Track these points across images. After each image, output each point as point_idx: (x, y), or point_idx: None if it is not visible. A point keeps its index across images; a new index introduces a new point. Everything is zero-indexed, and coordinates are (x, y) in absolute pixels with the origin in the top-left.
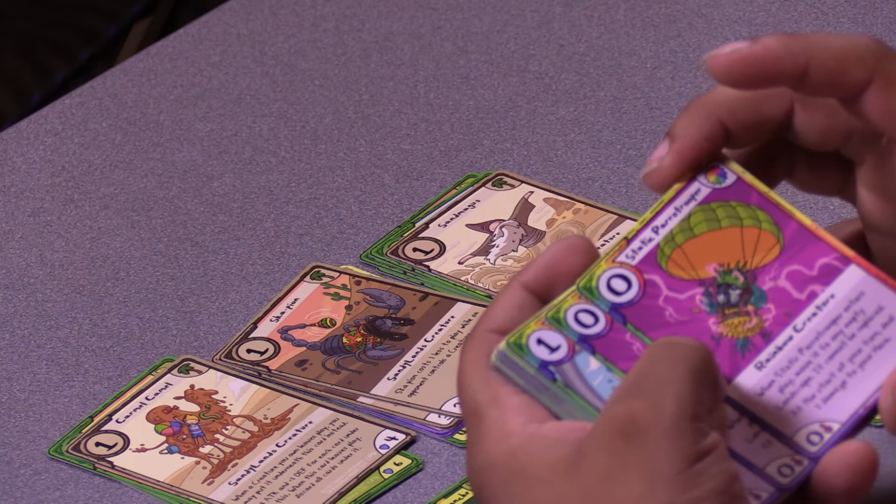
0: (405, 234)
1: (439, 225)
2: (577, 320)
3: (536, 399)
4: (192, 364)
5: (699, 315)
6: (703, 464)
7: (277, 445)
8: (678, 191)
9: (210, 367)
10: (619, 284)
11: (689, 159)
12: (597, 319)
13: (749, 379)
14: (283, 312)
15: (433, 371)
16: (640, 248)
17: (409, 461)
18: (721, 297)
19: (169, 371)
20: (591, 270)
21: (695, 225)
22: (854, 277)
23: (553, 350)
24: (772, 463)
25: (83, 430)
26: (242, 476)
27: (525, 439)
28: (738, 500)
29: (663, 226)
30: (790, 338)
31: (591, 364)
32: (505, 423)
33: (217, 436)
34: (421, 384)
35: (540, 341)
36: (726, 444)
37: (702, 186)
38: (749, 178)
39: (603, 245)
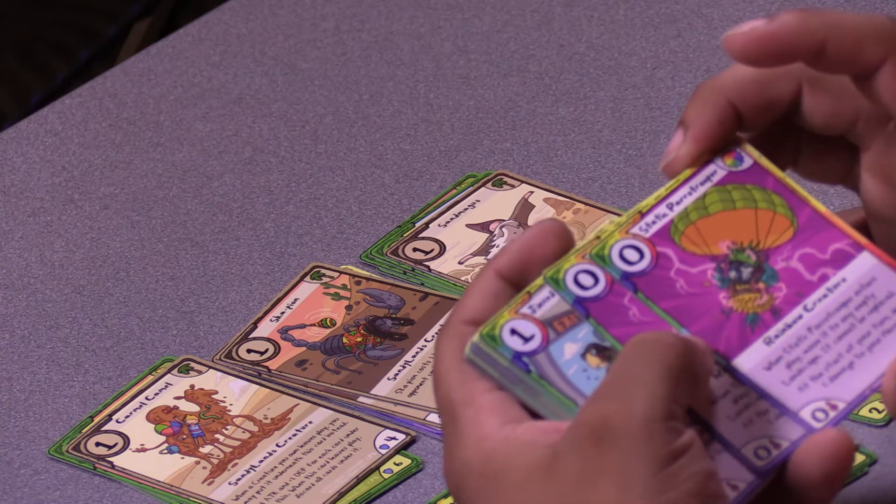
0: (405, 234)
1: (439, 225)
2: (576, 282)
3: (512, 393)
4: (192, 364)
5: (710, 289)
6: (677, 465)
7: (277, 445)
8: (694, 171)
9: (210, 367)
10: (631, 254)
11: (704, 144)
12: (596, 281)
13: (757, 353)
14: (283, 312)
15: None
16: (653, 223)
17: (409, 461)
18: (732, 273)
19: (169, 371)
20: (604, 240)
21: (710, 204)
22: (866, 263)
23: (527, 340)
24: (749, 444)
25: (83, 430)
26: (242, 476)
27: (500, 443)
28: (714, 500)
29: (678, 203)
30: (800, 316)
31: (566, 353)
32: (480, 426)
33: (217, 436)
34: (421, 384)
35: (513, 331)
36: (706, 419)
37: (718, 168)
38: (766, 162)
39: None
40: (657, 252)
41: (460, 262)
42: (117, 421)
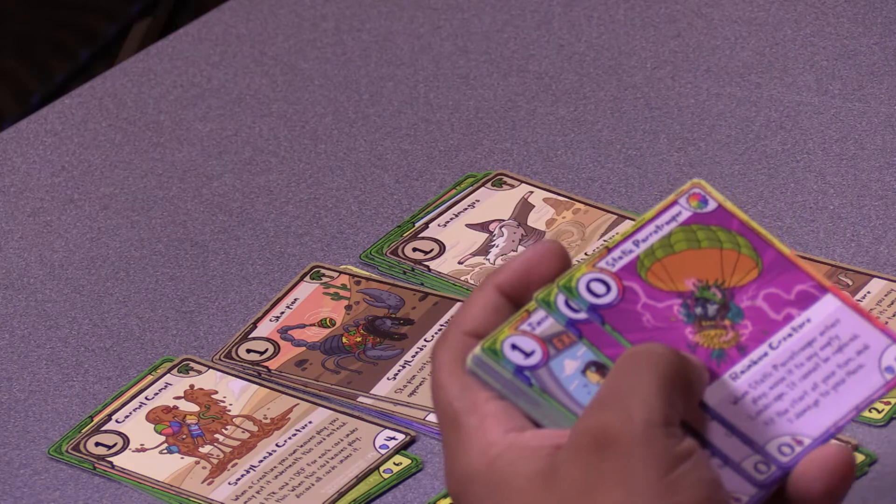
0: (405, 234)
1: (439, 225)
2: (566, 305)
3: (514, 404)
4: (192, 364)
5: (676, 324)
6: (681, 470)
7: (277, 445)
8: (659, 211)
9: (210, 367)
10: (598, 287)
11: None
12: None
13: (723, 388)
14: (282, 312)
15: None
16: (620, 258)
17: (408, 461)
18: (699, 310)
19: (169, 371)
20: (570, 273)
21: (675, 242)
22: (830, 305)
23: (528, 355)
24: (747, 459)
25: (83, 430)
26: (242, 476)
27: (505, 448)
28: None
29: (644, 240)
30: (765, 354)
31: (567, 369)
32: (485, 433)
33: (217, 436)
34: (421, 384)
35: (514, 346)
36: (705, 435)
37: (683, 210)
38: (730, 206)
39: (601, 243)
40: (624, 286)
41: (460, 262)
42: (117, 421)
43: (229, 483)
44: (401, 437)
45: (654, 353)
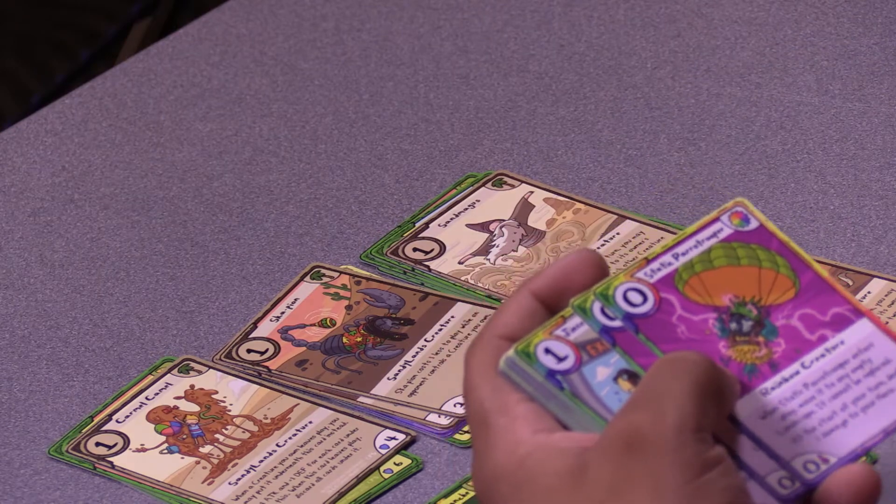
0: (405, 234)
1: (439, 225)
2: (602, 312)
3: (544, 407)
4: (192, 364)
5: (710, 337)
6: (710, 475)
7: (277, 445)
8: (701, 226)
9: (210, 367)
10: (635, 297)
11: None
12: None
13: (753, 402)
14: (283, 312)
15: (433, 371)
16: (658, 269)
17: (409, 461)
18: (733, 325)
19: (169, 371)
20: (608, 281)
21: (714, 258)
22: (865, 329)
23: (560, 360)
24: (772, 474)
25: (83, 430)
26: (242, 476)
27: (534, 448)
28: None
29: (684, 254)
30: (797, 372)
31: (599, 375)
32: (514, 432)
33: (217, 436)
34: (421, 384)
35: (547, 351)
36: (732, 447)
37: (724, 227)
38: (771, 226)
39: (604, 245)
40: (660, 297)
41: (460, 262)
42: (117, 421)
43: (229, 483)
44: (401, 437)
45: (690, 361)
